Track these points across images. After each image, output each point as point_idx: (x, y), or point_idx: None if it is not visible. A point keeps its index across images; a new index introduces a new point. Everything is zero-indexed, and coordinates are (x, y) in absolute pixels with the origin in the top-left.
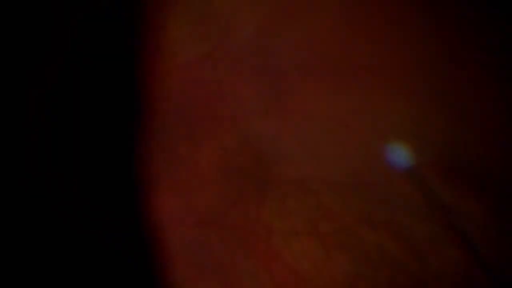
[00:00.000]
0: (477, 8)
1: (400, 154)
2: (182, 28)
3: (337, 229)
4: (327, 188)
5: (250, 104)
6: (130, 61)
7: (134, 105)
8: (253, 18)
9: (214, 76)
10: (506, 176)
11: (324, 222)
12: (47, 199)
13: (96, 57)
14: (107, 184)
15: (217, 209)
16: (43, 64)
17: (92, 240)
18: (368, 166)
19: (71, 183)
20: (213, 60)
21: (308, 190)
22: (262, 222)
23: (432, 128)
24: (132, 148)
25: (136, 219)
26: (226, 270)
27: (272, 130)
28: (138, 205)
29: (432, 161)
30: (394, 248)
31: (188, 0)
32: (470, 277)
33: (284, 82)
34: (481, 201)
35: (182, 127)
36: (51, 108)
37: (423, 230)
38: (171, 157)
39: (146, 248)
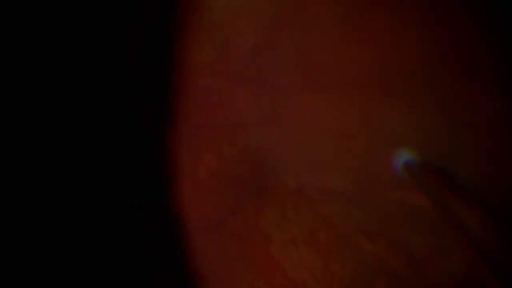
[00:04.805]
0: (480, 14)
1: (403, 163)
2: (184, 36)
3: (336, 239)
4: (326, 197)
5: (249, 113)
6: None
7: (140, 110)
8: (253, 29)
9: (214, 86)
10: (504, 185)
11: (323, 232)
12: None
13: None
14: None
15: (216, 217)
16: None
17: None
18: (368, 177)
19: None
20: (213, 70)
21: (307, 199)
22: (260, 231)
23: (434, 138)
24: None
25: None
26: (224, 278)
27: (271, 140)
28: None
29: (434, 170)
30: (391, 258)
31: (190, 10)
32: (468, 286)
33: (283, 93)
34: (480, 209)
35: (183, 135)
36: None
37: (421, 241)
38: (173, 164)
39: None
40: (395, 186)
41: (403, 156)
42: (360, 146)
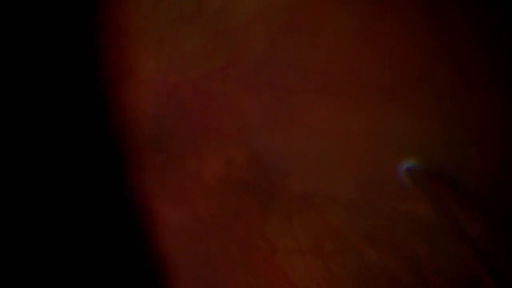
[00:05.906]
0: (481, 17)
1: (407, 171)
2: (196, 43)
3: (342, 248)
4: (333, 204)
5: (256, 118)
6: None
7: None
8: (266, 34)
9: (222, 90)
10: (507, 190)
11: (329, 240)
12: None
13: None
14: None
15: (221, 221)
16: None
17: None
18: (375, 184)
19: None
20: (223, 74)
21: (313, 206)
22: (266, 238)
23: (440, 144)
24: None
25: (137, 226)
26: (227, 283)
27: (278, 145)
28: (139, 212)
29: (439, 176)
30: (397, 268)
31: (203, 17)
32: None
33: (292, 98)
34: (483, 215)
35: (190, 138)
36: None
37: (425, 248)
38: (178, 168)
39: (148, 257)
40: (400, 194)
41: (408, 164)
42: (366, 153)
